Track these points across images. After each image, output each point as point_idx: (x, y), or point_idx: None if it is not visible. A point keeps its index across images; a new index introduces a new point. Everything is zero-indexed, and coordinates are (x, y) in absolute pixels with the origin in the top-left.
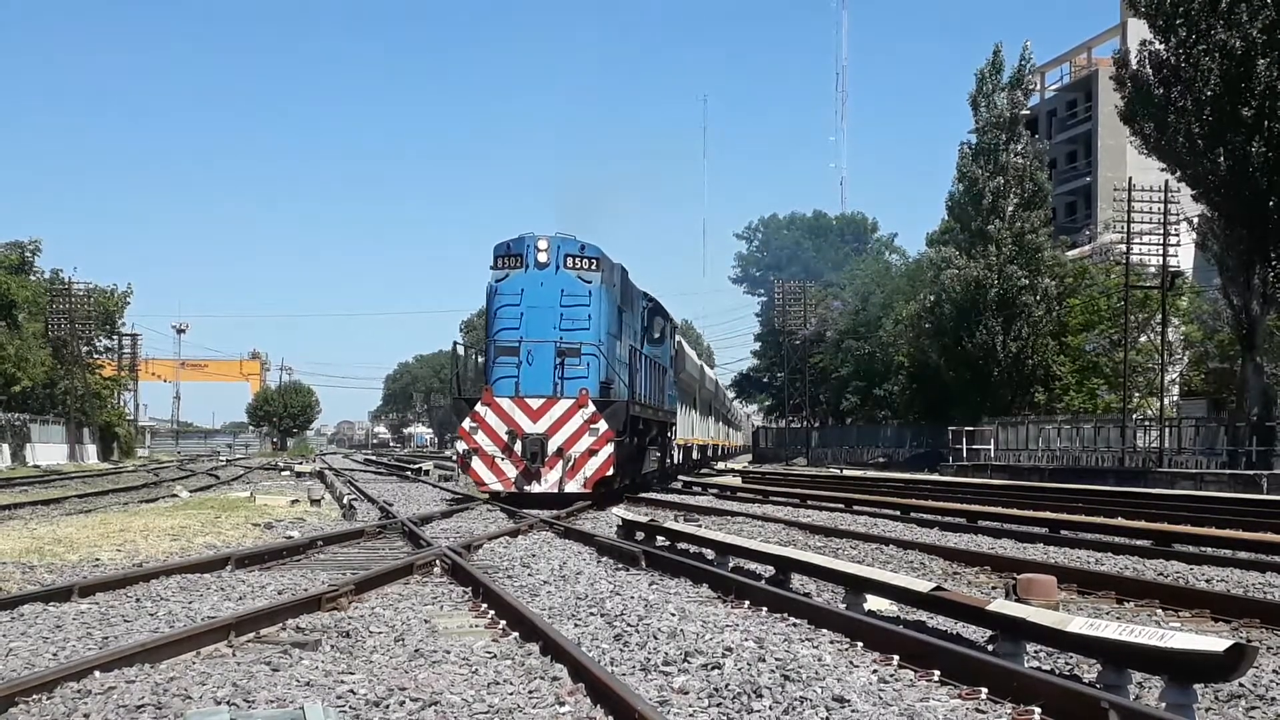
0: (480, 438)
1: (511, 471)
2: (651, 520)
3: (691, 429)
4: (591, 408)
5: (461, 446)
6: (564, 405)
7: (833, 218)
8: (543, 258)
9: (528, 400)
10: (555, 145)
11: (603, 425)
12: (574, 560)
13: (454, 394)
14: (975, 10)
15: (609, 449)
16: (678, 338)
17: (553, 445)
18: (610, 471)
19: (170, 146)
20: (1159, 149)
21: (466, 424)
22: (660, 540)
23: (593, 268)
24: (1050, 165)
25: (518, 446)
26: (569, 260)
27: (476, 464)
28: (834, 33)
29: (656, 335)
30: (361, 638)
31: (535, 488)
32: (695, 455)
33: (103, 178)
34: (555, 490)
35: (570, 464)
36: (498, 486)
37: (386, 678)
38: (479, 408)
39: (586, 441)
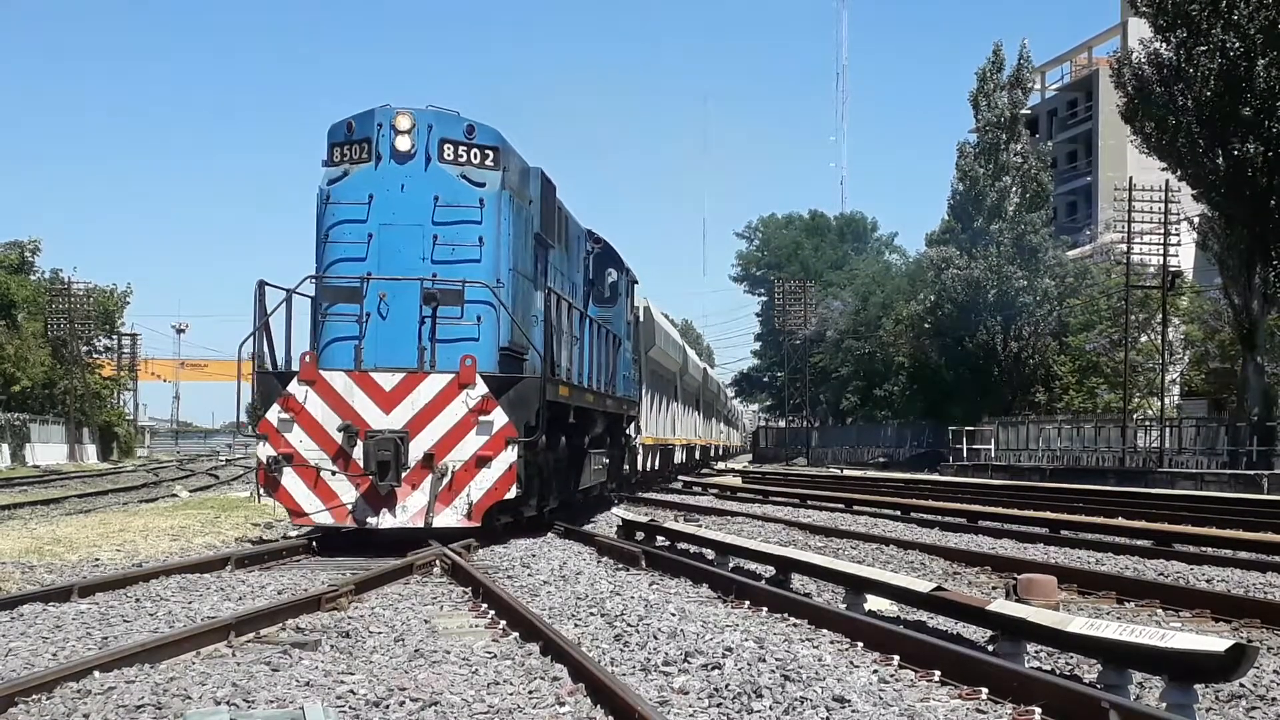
0: (296, 437)
1: (348, 493)
2: (651, 520)
3: (671, 426)
4: (482, 388)
5: (265, 451)
6: (436, 384)
7: (832, 217)
8: (404, 144)
9: (376, 376)
10: (554, 144)
11: (500, 417)
12: (574, 560)
13: (254, 364)
14: (976, 10)
15: (510, 455)
16: (643, 300)
17: (417, 450)
18: (512, 491)
19: (170, 146)
20: (1159, 148)
21: (274, 414)
22: (660, 540)
23: (489, 162)
24: (1051, 165)
25: (358, 452)
26: (448, 149)
27: (290, 480)
28: (834, 33)
29: (606, 293)
30: (361, 638)
31: (386, 520)
32: (679, 458)
33: (102, 177)
34: (419, 524)
35: (446, 480)
36: (325, 518)
37: (386, 678)
38: (295, 387)
39: (473, 443)
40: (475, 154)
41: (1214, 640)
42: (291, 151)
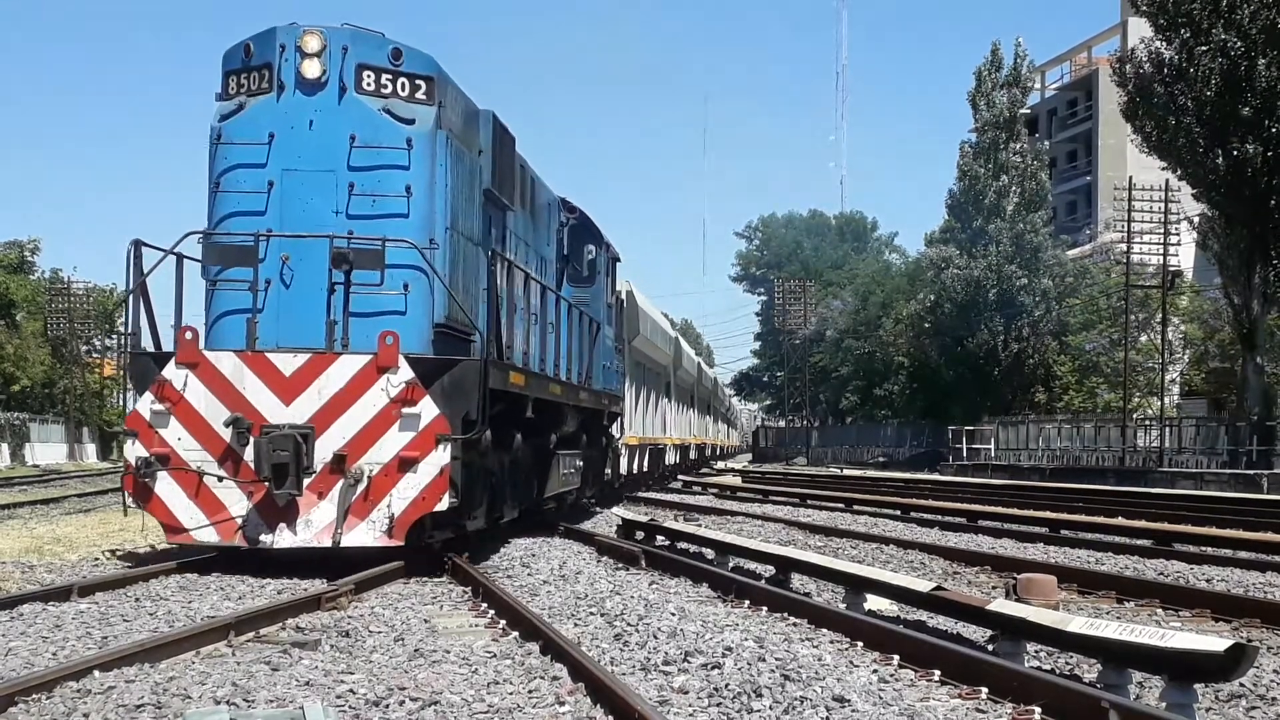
0: (174, 433)
1: (238, 504)
2: (651, 520)
3: (662, 424)
4: (407, 372)
5: (134, 452)
6: (348, 368)
7: (832, 217)
8: (312, 70)
9: (273, 358)
10: (553, 143)
11: (428, 409)
12: (574, 560)
13: (125, 342)
14: (976, 10)
15: (442, 456)
16: (626, 283)
17: (324, 449)
18: (444, 501)
19: (168, 144)
20: (1160, 148)
21: (146, 405)
22: (660, 540)
23: (420, 95)
24: (1050, 164)
25: (250, 452)
26: (368, 77)
27: (165, 488)
28: (834, 32)
29: (584, 271)
30: (361, 637)
31: (285, 538)
32: (671, 459)
33: (103, 175)
34: (325, 542)
35: (361, 487)
36: (209, 535)
37: (386, 677)
38: (172, 371)
39: (394, 442)
40: (403, 84)
41: (1214, 640)
42: None
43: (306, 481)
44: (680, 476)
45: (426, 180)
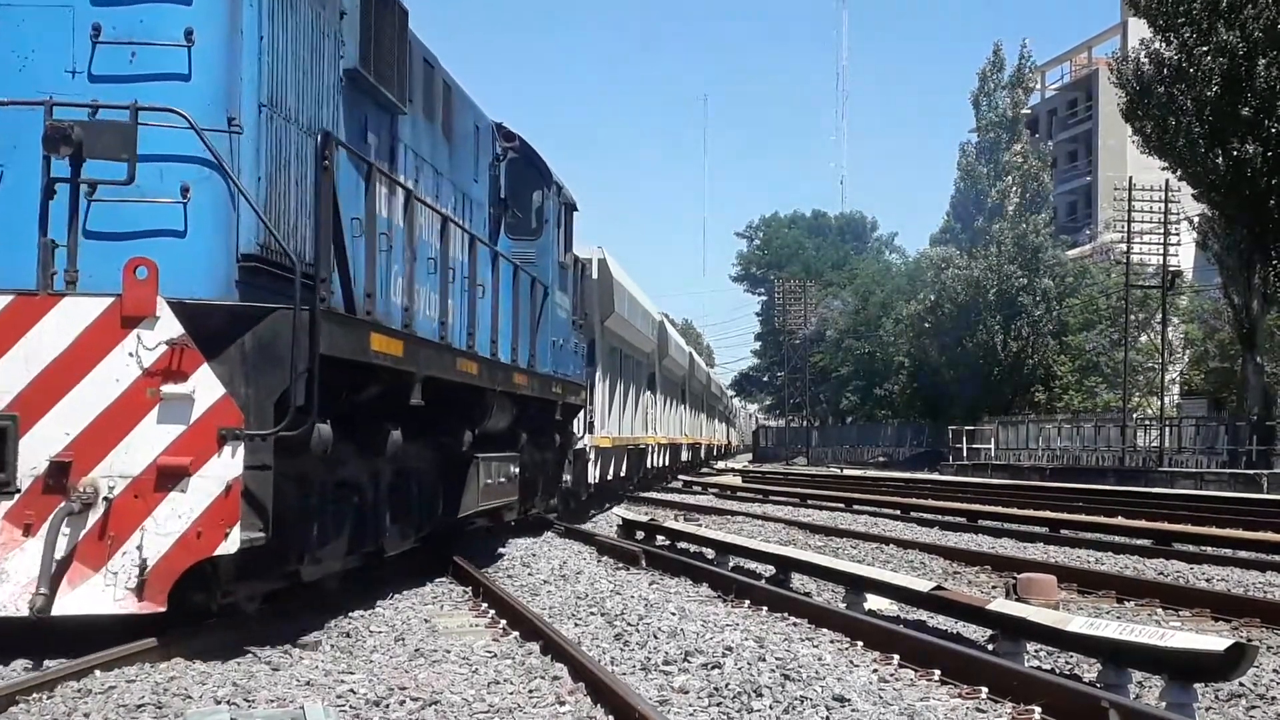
0: None
1: None
2: (652, 520)
3: (644, 421)
4: (170, 325)
5: None
6: (74, 317)
7: (832, 217)
8: None
9: None
10: (551, 143)
11: (207, 385)
12: (574, 560)
13: None
14: (976, 10)
15: (229, 465)
16: (598, 250)
17: (32, 455)
18: (233, 539)
19: None
20: (1160, 148)
21: None
22: (660, 540)
23: None
24: (1051, 165)
25: None
26: None
27: None
28: (834, 32)
29: (532, 222)
30: (362, 637)
31: None
32: (656, 462)
33: None
34: (22, 609)
35: (93, 519)
36: None
37: (387, 677)
38: None
39: (149, 442)
40: None
41: (1214, 639)
42: None
43: (2, 507)
44: (680, 477)
45: (223, 24)
